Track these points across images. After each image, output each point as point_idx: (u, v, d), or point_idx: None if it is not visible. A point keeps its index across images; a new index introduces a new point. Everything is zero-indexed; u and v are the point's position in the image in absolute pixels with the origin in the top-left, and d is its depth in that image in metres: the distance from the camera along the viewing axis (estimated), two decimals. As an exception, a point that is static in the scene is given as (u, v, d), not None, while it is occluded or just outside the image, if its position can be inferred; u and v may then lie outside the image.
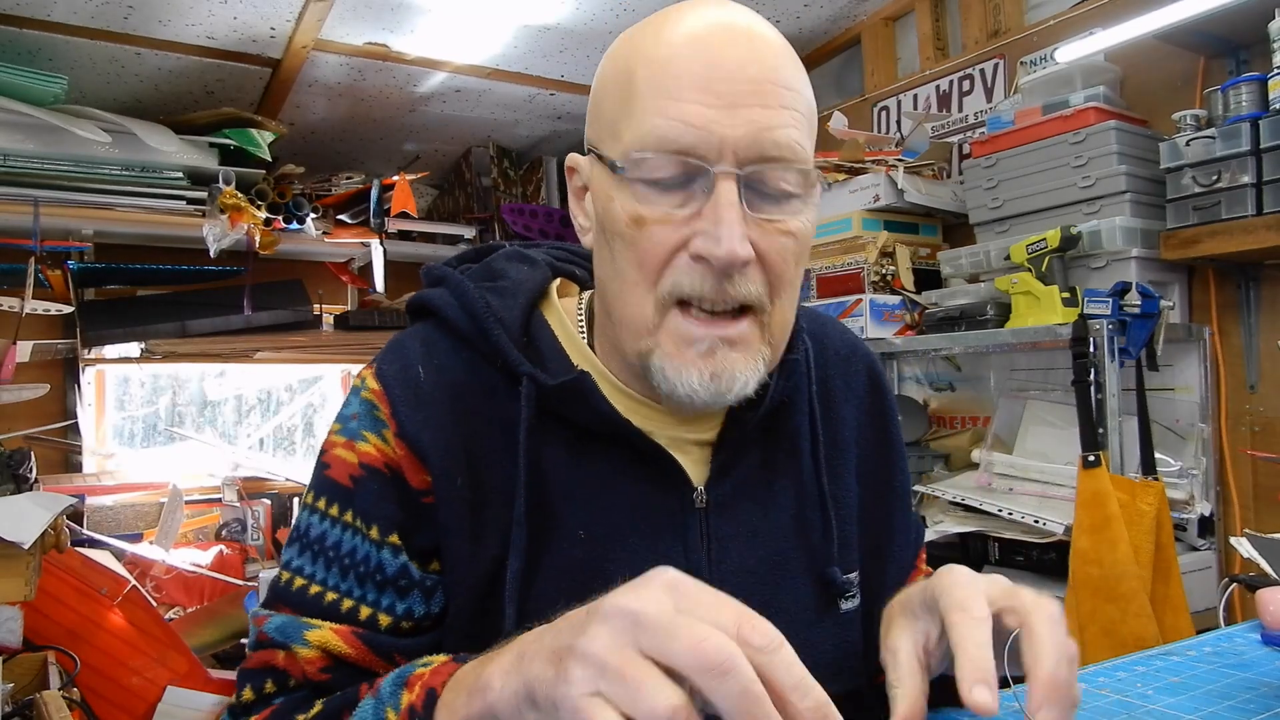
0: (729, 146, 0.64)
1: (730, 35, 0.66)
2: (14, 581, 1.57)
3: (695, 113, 0.64)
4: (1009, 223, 2.19)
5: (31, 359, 2.66)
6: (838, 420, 0.85)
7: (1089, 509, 1.74)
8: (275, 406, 3.74)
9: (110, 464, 3.12)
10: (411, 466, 0.72)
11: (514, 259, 0.83)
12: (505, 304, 0.76)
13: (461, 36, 2.66)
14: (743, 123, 0.64)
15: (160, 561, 2.64)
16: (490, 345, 0.74)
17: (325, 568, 0.72)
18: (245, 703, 0.71)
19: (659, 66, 0.66)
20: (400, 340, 0.78)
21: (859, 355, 0.89)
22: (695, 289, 0.66)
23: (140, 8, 2.36)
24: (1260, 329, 1.95)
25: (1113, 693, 0.74)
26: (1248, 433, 1.97)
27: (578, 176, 0.77)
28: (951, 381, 2.57)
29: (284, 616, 0.71)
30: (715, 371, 0.67)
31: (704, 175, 0.65)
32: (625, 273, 0.68)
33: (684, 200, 0.66)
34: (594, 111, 0.74)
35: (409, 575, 0.72)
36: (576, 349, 0.77)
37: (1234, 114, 1.80)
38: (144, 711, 2.15)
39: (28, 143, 2.45)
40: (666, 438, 0.75)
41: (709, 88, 0.64)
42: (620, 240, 0.68)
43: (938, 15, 2.70)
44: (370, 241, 3.09)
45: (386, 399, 0.73)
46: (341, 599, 0.71)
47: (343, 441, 0.74)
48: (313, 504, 0.75)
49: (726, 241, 0.63)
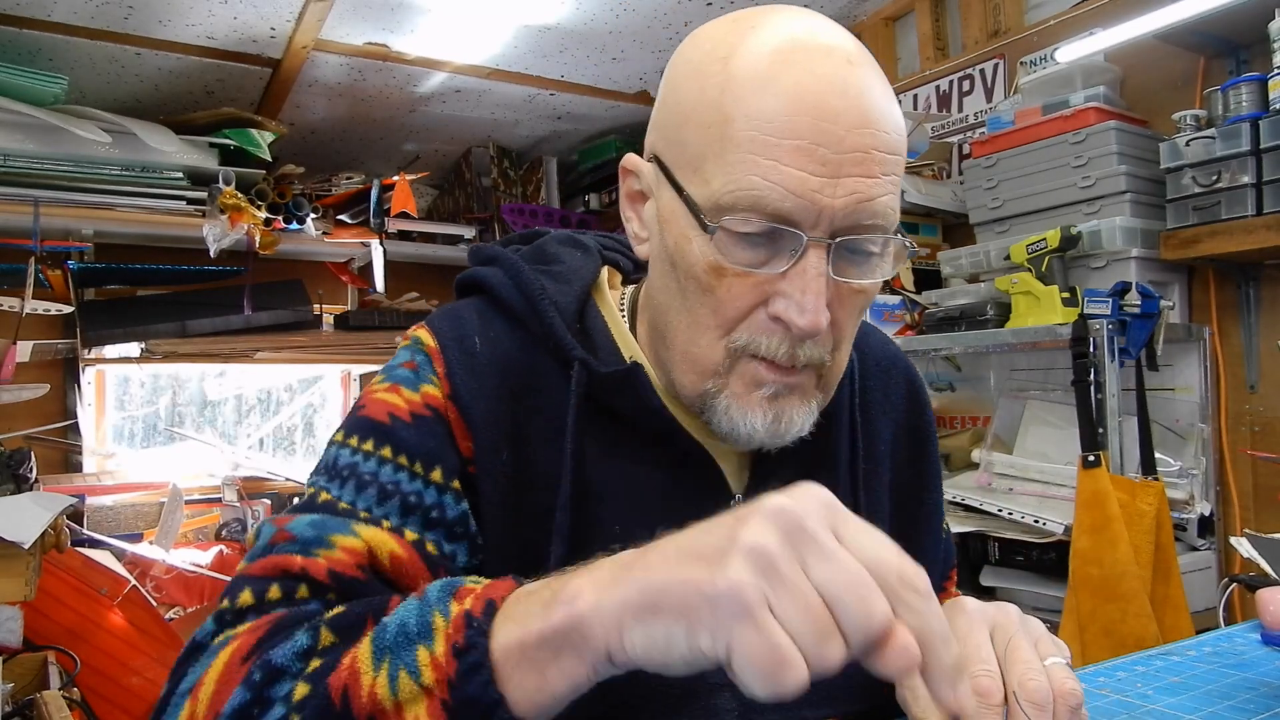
0: (826, 216, 0.61)
1: (840, 89, 0.61)
2: (14, 581, 1.57)
3: (798, 180, 0.60)
4: (1009, 223, 2.19)
5: (31, 359, 2.66)
6: (874, 433, 0.83)
7: (1089, 509, 1.74)
8: (275, 406, 3.74)
9: (110, 464, 3.12)
10: (460, 430, 0.70)
11: (567, 244, 0.81)
12: (560, 289, 0.74)
13: (461, 36, 2.66)
14: (844, 193, 0.61)
15: (160, 561, 2.64)
16: (544, 327, 0.72)
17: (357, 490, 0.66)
18: (239, 608, 0.60)
19: (762, 121, 0.61)
20: (455, 308, 0.76)
21: (899, 367, 0.87)
22: (770, 350, 0.65)
23: (140, 8, 2.36)
24: (1260, 329, 1.95)
25: (1113, 693, 0.74)
26: (1248, 433, 1.97)
27: (635, 180, 0.72)
28: (951, 381, 2.57)
29: (318, 515, 0.64)
30: (777, 415, 0.67)
31: (795, 239, 0.62)
32: (698, 315, 0.67)
33: (768, 259, 0.63)
34: (669, 126, 0.68)
35: (468, 525, 0.68)
36: (626, 342, 0.76)
37: (1234, 114, 1.80)
38: (144, 711, 2.15)
39: (28, 143, 2.45)
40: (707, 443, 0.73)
41: (814, 155, 0.60)
42: (694, 282, 0.66)
43: (938, 15, 2.70)
44: (370, 241, 3.09)
45: (442, 359, 0.71)
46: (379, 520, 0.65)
47: (387, 386, 0.71)
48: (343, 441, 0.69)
49: (811, 314, 0.62)
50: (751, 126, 0.61)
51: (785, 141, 0.60)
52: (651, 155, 0.70)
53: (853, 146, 0.61)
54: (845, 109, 0.61)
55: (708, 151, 0.63)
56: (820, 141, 0.60)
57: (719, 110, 0.62)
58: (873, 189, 0.62)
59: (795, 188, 0.60)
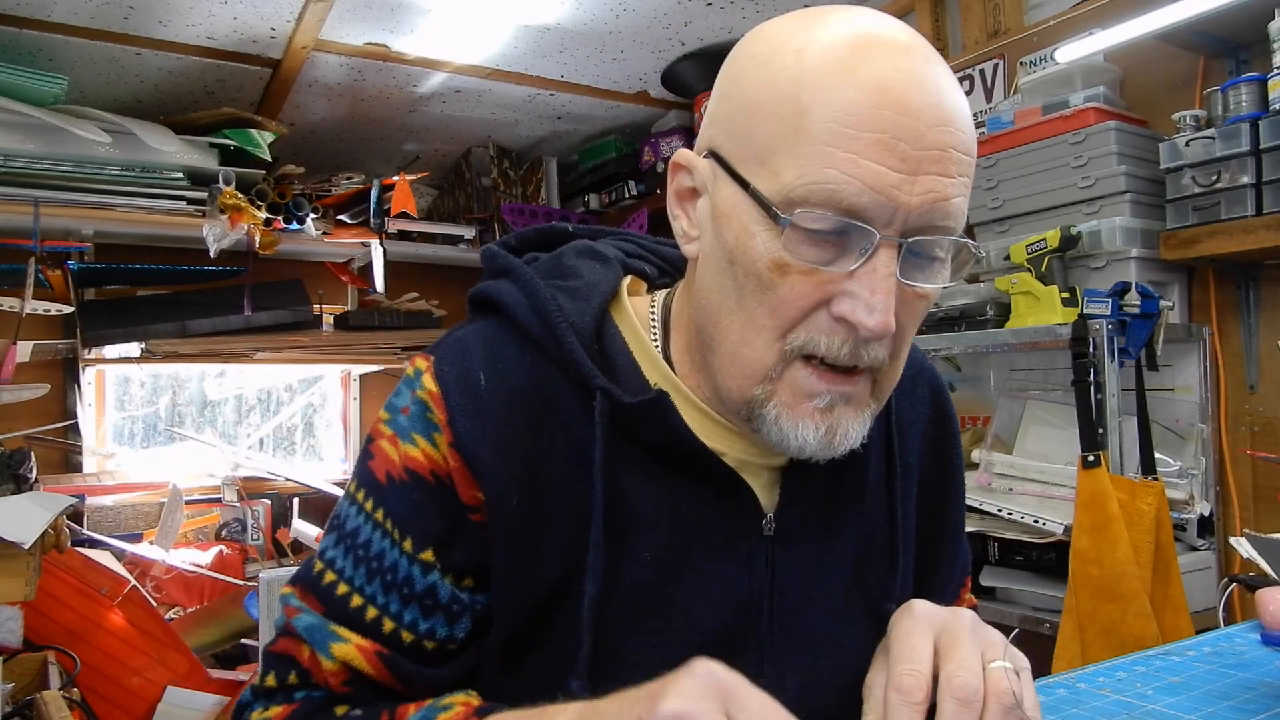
0: (901, 214, 0.59)
1: (920, 85, 0.60)
2: (14, 581, 1.57)
3: (877, 175, 0.58)
4: (1009, 223, 2.19)
5: (31, 359, 2.66)
6: (906, 447, 0.81)
7: (1089, 509, 1.74)
8: (275, 406, 3.74)
9: (110, 464, 3.12)
10: (464, 480, 0.69)
11: (586, 255, 0.78)
12: (578, 307, 0.71)
13: (461, 36, 2.66)
14: (921, 191, 0.59)
15: (160, 561, 2.64)
16: (562, 352, 0.70)
17: (354, 566, 0.70)
18: (268, 688, 0.71)
19: (842, 113, 0.59)
20: (462, 339, 0.73)
21: (924, 376, 0.85)
22: (832, 351, 0.62)
23: (140, 8, 2.36)
24: (1260, 329, 1.95)
25: (1113, 693, 0.74)
26: (1247, 433, 1.97)
27: (687, 177, 0.69)
28: (951, 381, 2.57)
29: (313, 618, 0.70)
30: (830, 427, 0.64)
31: (866, 237, 0.60)
32: (753, 314, 0.64)
33: (836, 256, 0.61)
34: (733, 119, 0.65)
35: (435, 596, 0.69)
36: (649, 359, 0.73)
37: (1234, 114, 1.80)
38: (144, 711, 2.15)
39: (28, 143, 2.45)
40: (736, 460, 0.72)
41: (894, 150, 0.58)
42: (754, 280, 0.63)
43: (937, 15, 2.70)
44: (370, 241, 3.09)
45: (444, 405, 0.69)
46: (367, 606, 0.69)
47: (389, 434, 0.71)
48: (353, 493, 0.73)
49: (881, 315, 0.60)
50: (830, 118, 0.59)
51: (865, 134, 0.58)
52: (708, 150, 0.67)
53: (932, 144, 0.59)
54: (926, 105, 0.59)
55: (779, 144, 0.61)
56: (901, 136, 0.58)
57: (794, 101, 0.60)
58: (949, 189, 0.60)
59: (874, 183, 0.58)
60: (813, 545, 0.74)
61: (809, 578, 0.74)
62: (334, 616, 0.70)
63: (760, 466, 0.73)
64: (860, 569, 0.76)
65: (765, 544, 0.72)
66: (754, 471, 0.73)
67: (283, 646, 0.71)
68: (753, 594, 0.71)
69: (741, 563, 0.72)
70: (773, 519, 0.72)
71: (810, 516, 0.74)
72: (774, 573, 0.72)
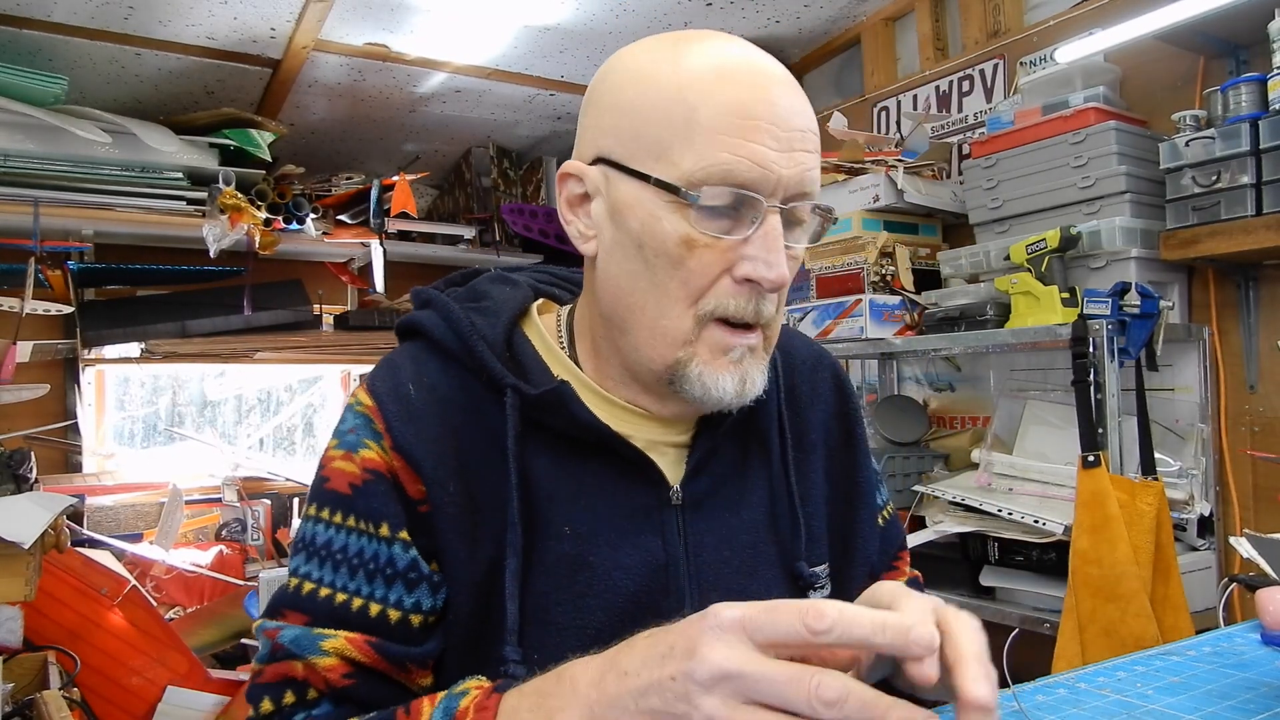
0: (781, 185, 0.71)
1: (780, 83, 0.73)
2: (14, 581, 1.57)
3: (763, 154, 0.70)
4: (1009, 223, 2.19)
5: (31, 359, 2.66)
6: (804, 423, 0.91)
7: (1089, 509, 1.74)
8: (275, 406, 3.74)
9: (110, 464, 3.12)
10: (408, 476, 0.76)
11: (497, 281, 0.89)
12: (488, 322, 0.81)
13: (461, 37, 2.66)
14: (793, 165, 0.72)
15: (160, 561, 2.64)
16: (475, 360, 0.79)
17: (334, 569, 0.75)
18: (265, 715, 0.72)
19: (726, 108, 0.71)
20: (391, 359, 0.83)
21: (824, 364, 0.96)
22: (739, 310, 0.73)
23: (140, 8, 2.36)
24: (1260, 329, 1.95)
25: (1113, 693, 0.74)
26: (1247, 433, 1.97)
27: (577, 184, 0.78)
28: (951, 381, 2.57)
29: (297, 628, 0.73)
30: (742, 376, 0.75)
31: (755, 207, 0.71)
32: (667, 289, 0.73)
33: (732, 228, 0.72)
34: (621, 127, 0.75)
35: (418, 569, 0.75)
36: (557, 360, 0.83)
37: (1234, 114, 1.80)
38: (144, 711, 2.15)
39: (28, 143, 2.45)
40: (644, 441, 0.80)
41: (770, 133, 0.71)
42: (665, 258, 0.73)
43: (938, 15, 2.70)
44: (370, 242, 3.09)
45: (380, 414, 0.77)
46: (351, 598, 0.74)
47: (341, 454, 0.77)
48: (315, 514, 0.78)
49: (778, 267, 0.72)
50: (717, 113, 0.71)
51: (748, 122, 0.70)
52: (596, 157, 0.77)
53: (795, 127, 0.72)
54: (786, 97, 0.73)
55: (673, 139, 0.72)
56: (774, 122, 0.71)
57: (682, 104, 0.72)
58: (810, 161, 0.74)
59: (759, 160, 0.70)
60: (721, 511, 0.83)
61: (721, 540, 0.82)
62: (318, 620, 0.73)
63: (667, 445, 0.82)
64: (771, 532, 0.85)
65: (675, 513, 0.81)
66: (661, 450, 0.82)
67: (271, 673, 0.73)
68: (669, 558, 0.79)
69: (655, 530, 0.80)
70: (679, 489, 0.81)
71: (717, 486, 0.84)
72: (687, 538, 0.81)
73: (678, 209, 0.71)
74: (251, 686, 0.74)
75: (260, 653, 0.75)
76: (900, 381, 2.70)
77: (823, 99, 3.09)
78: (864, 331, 2.33)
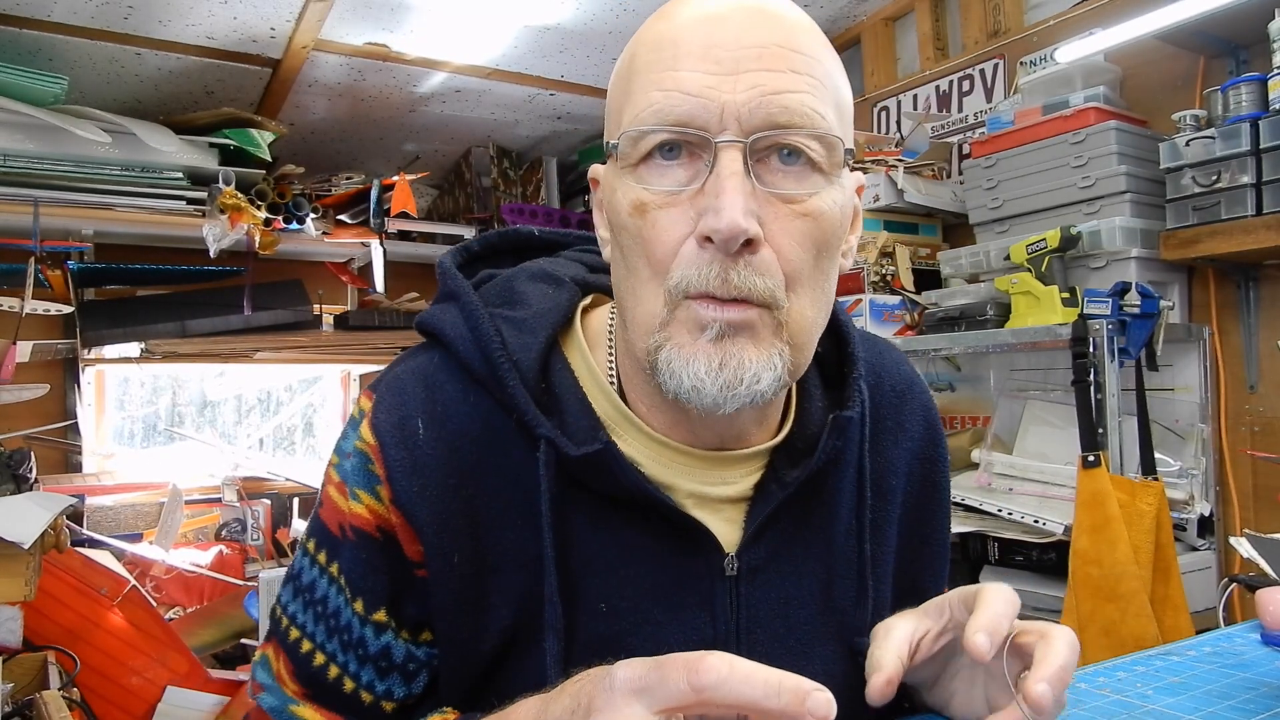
0: (731, 113, 0.58)
1: (738, 3, 0.61)
2: (14, 581, 1.57)
3: (692, 80, 0.58)
4: (1009, 223, 2.19)
5: (31, 359, 2.66)
6: (885, 465, 0.77)
7: (1089, 509, 1.73)
8: (275, 406, 3.74)
9: (110, 464, 3.12)
10: (407, 535, 0.67)
11: (538, 279, 0.74)
12: (523, 342, 0.68)
13: (461, 36, 2.66)
14: (745, 87, 0.58)
15: (160, 561, 2.64)
16: (504, 394, 0.67)
17: (314, 621, 0.71)
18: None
19: (654, 45, 0.62)
20: (401, 380, 0.70)
21: (915, 393, 0.82)
22: (703, 280, 0.59)
23: (140, 8, 2.36)
24: (1260, 329, 1.95)
25: (1113, 693, 0.74)
26: (1247, 433, 1.97)
27: (594, 188, 0.71)
28: (951, 381, 2.57)
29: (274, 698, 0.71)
30: (724, 360, 0.60)
31: (707, 148, 0.59)
32: (636, 270, 0.62)
33: (689, 179, 0.60)
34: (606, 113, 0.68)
35: (390, 657, 0.69)
36: (600, 391, 0.70)
37: (1234, 114, 1.80)
38: (144, 711, 2.15)
39: (28, 143, 2.45)
40: (695, 497, 0.69)
41: (707, 54, 0.59)
42: (626, 233, 0.62)
43: (938, 15, 2.70)
44: (370, 241, 3.09)
45: (382, 459, 0.67)
46: (328, 664, 0.70)
47: (337, 481, 0.70)
48: (305, 543, 0.73)
49: (728, 212, 0.57)
50: (647, 54, 0.62)
51: (678, 51, 0.60)
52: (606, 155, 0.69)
53: (751, 43, 0.59)
54: (738, 10, 0.60)
55: (622, 101, 0.64)
56: (714, 44, 0.59)
57: (629, 61, 0.64)
58: (780, 82, 0.59)
59: (690, 88, 0.58)
60: (780, 580, 0.71)
61: (776, 614, 0.70)
62: (301, 674, 0.70)
63: (720, 500, 0.70)
64: (830, 600, 0.73)
65: (728, 585, 0.69)
66: (713, 507, 0.70)
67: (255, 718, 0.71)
68: (717, 636, 0.68)
69: (703, 606, 0.69)
70: (734, 558, 0.69)
71: (777, 552, 0.71)
72: (739, 612, 0.69)
73: (629, 173, 0.61)
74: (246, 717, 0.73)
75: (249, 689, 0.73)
76: (900, 381, 2.69)
77: (823, 99, 3.08)
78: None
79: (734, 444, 0.70)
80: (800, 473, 0.69)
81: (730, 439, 0.70)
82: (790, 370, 0.63)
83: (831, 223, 0.62)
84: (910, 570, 0.80)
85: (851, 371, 0.74)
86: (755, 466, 0.71)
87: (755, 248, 0.59)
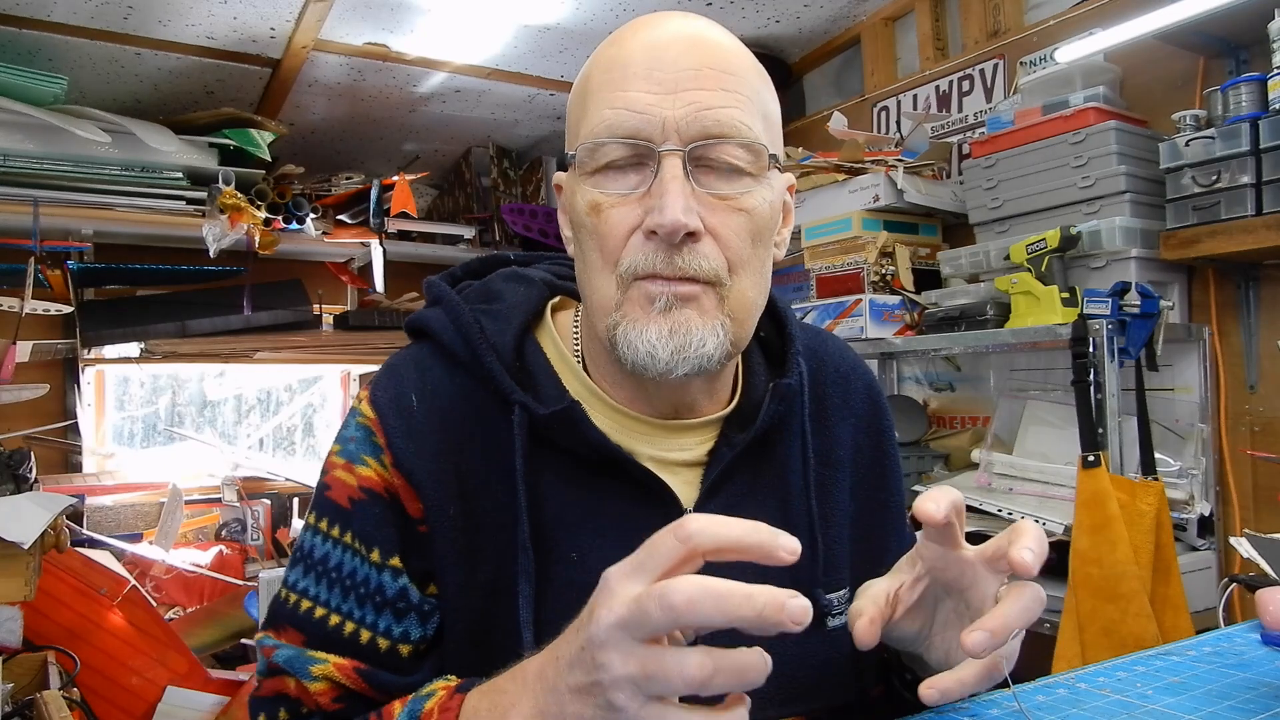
0: (671, 127, 0.68)
1: (677, 34, 0.72)
2: (14, 581, 1.57)
3: (638, 99, 0.69)
4: (1009, 223, 2.19)
5: (31, 359, 2.66)
6: (832, 439, 0.86)
7: (1089, 509, 1.74)
8: (275, 406, 3.74)
9: (110, 464, 3.12)
10: (408, 494, 0.75)
11: (511, 279, 0.85)
12: (499, 328, 0.79)
13: (461, 36, 2.66)
14: (683, 104, 0.69)
15: (160, 561, 2.64)
16: (484, 371, 0.77)
17: (328, 588, 0.75)
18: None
19: (606, 68, 0.72)
20: (395, 365, 0.81)
21: (858, 374, 0.92)
22: (648, 264, 0.69)
23: (140, 8, 2.36)
24: (1260, 329, 1.95)
25: (1113, 693, 0.74)
26: (1247, 433, 1.97)
27: (559, 193, 0.80)
28: (951, 381, 2.57)
29: (291, 649, 0.74)
30: (674, 328, 0.70)
31: (652, 156, 0.69)
32: (591, 260, 0.73)
33: (637, 183, 0.70)
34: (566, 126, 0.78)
35: (407, 598, 0.74)
36: (569, 369, 0.80)
37: (1234, 114, 1.80)
38: (144, 711, 2.15)
39: (28, 143, 2.45)
40: (657, 459, 0.78)
41: (651, 76, 0.69)
42: (584, 230, 0.73)
43: (938, 15, 2.70)
44: (370, 241, 3.09)
45: (381, 428, 0.76)
46: (343, 622, 0.74)
47: (342, 463, 0.77)
48: (315, 524, 0.78)
49: (670, 210, 0.67)
50: (600, 76, 0.72)
51: (625, 73, 0.70)
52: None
53: (686, 66, 0.69)
54: (676, 38, 0.71)
55: (580, 116, 0.74)
56: (655, 67, 0.70)
57: (584, 80, 0.74)
58: (712, 100, 0.69)
59: (636, 105, 0.69)
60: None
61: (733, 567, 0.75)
62: (312, 640, 0.74)
63: (680, 464, 0.79)
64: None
65: None
66: (672, 470, 0.78)
67: (269, 688, 0.74)
68: None
69: None
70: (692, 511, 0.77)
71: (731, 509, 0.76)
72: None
73: (586, 179, 0.72)
74: (251, 699, 0.75)
75: (259, 667, 0.76)
76: (900, 381, 2.70)
77: (822, 99, 3.09)
78: (864, 331, 2.33)
79: (687, 414, 0.80)
80: (746, 435, 0.79)
81: (684, 408, 0.79)
82: (733, 341, 0.73)
83: (763, 216, 0.73)
84: (875, 534, 0.88)
85: (790, 347, 0.85)
86: (709, 435, 0.80)
87: (697, 238, 0.69)
